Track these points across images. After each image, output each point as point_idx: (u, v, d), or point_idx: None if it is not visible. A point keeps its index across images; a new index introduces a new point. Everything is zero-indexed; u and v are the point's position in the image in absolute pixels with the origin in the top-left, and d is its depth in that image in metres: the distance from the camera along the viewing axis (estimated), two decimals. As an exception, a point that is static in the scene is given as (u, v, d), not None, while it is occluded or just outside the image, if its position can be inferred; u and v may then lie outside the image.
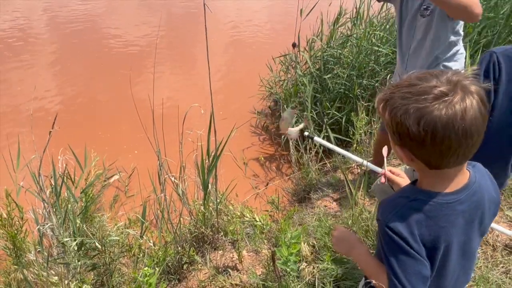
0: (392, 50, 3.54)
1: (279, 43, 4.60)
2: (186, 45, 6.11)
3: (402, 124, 0.70)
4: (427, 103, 0.67)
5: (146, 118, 1.97)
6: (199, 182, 2.05)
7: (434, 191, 0.77)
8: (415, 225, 0.76)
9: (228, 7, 8.01)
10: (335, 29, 3.71)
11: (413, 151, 0.74)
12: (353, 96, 3.61)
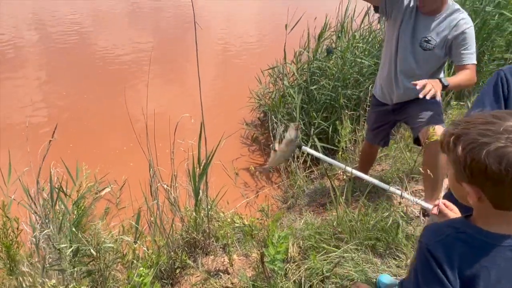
0: (374, 62, 3.73)
1: (268, 56, 4.77)
2: (176, 58, 6.21)
3: (480, 161, 0.69)
4: (506, 143, 0.67)
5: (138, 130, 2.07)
6: (191, 190, 2.17)
7: (487, 230, 0.76)
8: (457, 257, 0.75)
9: (217, 21, 8.21)
10: (321, 42, 3.88)
11: (485, 189, 0.73)
12: (339, 106, 3.76)
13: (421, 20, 1.89)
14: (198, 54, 1.73)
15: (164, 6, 8.86)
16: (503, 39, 3.29)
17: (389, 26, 2.02)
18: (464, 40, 1.86)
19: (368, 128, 2.45)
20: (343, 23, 3.87)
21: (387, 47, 2.06)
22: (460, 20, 1.86)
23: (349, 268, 1.65)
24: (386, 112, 2.24)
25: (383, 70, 2.14)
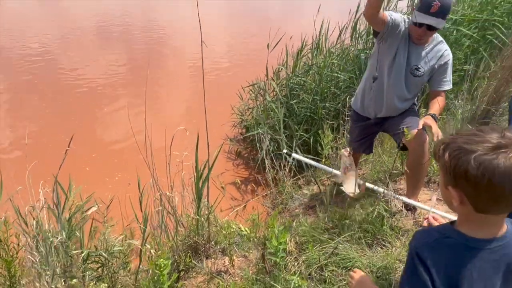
0: (349, 76, 4.06)
1: (249, 74, 5.03)
2: (148, 79, 6.28)
3: (462, 166, 0.77)
4: (488, 151, 0.75)
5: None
6: (188, 197, 2.33)
7: (469, 235, 0.83)
8: (443, 260, 0.83)
9: (189, 44, 8.30)
10: (299, 59, 4.19)
11: (466, 192, 0.80)
12: (318, 118, 4.04)
13: (413, 49, 2.15)
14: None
15: (132, 28, 8.87)
16: (462, 52, 3.72)
17: (381, 50, 2.21)
18: (446, 69, 2.17)
19: (351, 140, 2.69)
20: (318, 41, 4.20)
21: (378, 70, 2.23)
22: (445, 51, 2.16)
23: (343, 256, 1.85)
24: (368, 126, 2.50)
25: (369, 89, 2.34)
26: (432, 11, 1.89)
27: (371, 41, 4.08)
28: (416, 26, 1.99)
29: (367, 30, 4.11)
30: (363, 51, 4.01)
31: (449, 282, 0.83)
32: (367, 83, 2.36)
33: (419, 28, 1.99)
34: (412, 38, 2.11)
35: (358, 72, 4.04)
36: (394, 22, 2.05)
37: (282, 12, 10.75)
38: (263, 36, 5.75)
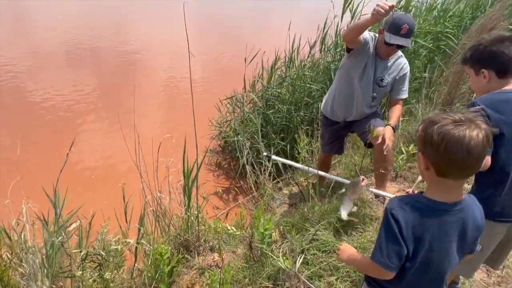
0: (321, 86, 4.38)
1: (223, 88, 5.27)
2: (120, 98, 6.21)
3: (428, 134, 0.98)
4: (448, 123, 0.96)
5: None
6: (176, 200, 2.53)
7: (433, 199, 1.03)
8: (411, 218, 1.02)
9: (160, 61, 8.37)
10: (273, 72, 4.49)
11: (429, 156, 1.00)
12: (293, 126, 4.33)
13: (379, 63, 2.46)
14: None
15: (103, 47, 8.80)
16: (420, 61, 4.13)
17: (352, 63, 2.47)
18: (404, 80, 2.50)
19: (323, 144, 2.97)
20: (291, 55, 4.53)
21: (348, 80, 2.56)
22: (404, 64, 2.50)
23: (322, 242, 2.08)
24: (338, 129, 2.80)
25: (340, 97, 2.64)
26: (402, 32, 2.18)
27: (339, 53, 4.44)
28: (387, 45, 2.28)
29: (335, 43, 4.47)
30: (332, 63, 4.36)
31: (415, 236, 1.03)
32: (337, 92, 2.66)
33: (390, 47, 2.29)
34: (380, 54, 2.42)
35: (329, 82, 4.37)
36: (365, 40, 2.35)
37: (252, 29, 11.15)
38: (235, 52, 5.99)
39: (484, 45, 1.47)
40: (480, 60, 1.49)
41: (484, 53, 1.46)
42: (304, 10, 13.28)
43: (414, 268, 1.06)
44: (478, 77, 1.50)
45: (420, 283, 1.09)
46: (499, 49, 1.43)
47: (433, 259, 1.05)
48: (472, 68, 1.53)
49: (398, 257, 1.03)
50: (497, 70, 1.45)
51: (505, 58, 1.42)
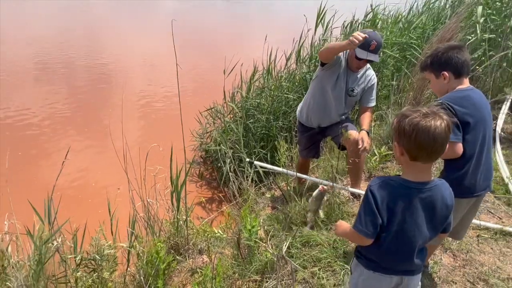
0: (298, 96, 4.62)
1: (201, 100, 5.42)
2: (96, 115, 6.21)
3: (401, 126, 1.20)
4: (417, 116, 1.17)
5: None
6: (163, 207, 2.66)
7: (407, 179, 1.25)
8: (386, 193, 1.24)
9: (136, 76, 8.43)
10: (252, 83, 4.70)
11: (403, 144, 1.21)
12: (273, 135, 4.53)
13: (350, 75, 2.71)
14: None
15: (75, 64, 8.67)
16: (388, 70, 4.46)
17: (325, 75, 2.72)
18: (372, 90, 2.76)
19: (301, 149, 3.18)
20: (269, 67, 4.76)
21: (321, 90, 2.79)
22: (372, 76, 2.76)
23: (305, 236, 2.26)
24: (314, 134, 3.03)
25: (314, 106, 2.87)
26: (371, 48, 2.44)
27: (313, 64, 4.71)
28: (358, 59, 2.53)
29: (310, 55, 4.75)
30: (308, 73, 4.62)
31: (388, 208, 1.24)
32: (311, 100, 2.90)
33: (360, 61, 2.55)
34: (351, 67, 2.68)
35: (305, 92, 4.62)
36: (337, 56, 2.61)
37: (229, 42, 11.42)
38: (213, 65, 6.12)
39: (441, 52, 1.76)
40: (439, 64, 1.76)
41: (442, 59, 1.74)
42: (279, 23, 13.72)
43: (390, 237, 1.26)
44: (439, 80, 1.78)
45: (395, 251, 1.29)
46: (454, 55, 1.72)
47: (405, 230, 1.25)
48: (432, 72, 1.81)
49: (373, 226, 1.24)
50: (453, 72, 1.73)
51: (459, 62, 1.71)
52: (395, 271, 1.33)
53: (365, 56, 2.45)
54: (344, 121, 2.87)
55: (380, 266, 1.33)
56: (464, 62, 1.72)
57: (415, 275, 1.36)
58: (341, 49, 2.48)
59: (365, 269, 1.37)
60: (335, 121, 2.88)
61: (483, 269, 2.19)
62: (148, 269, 1.75)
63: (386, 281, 1.34)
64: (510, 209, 2.73)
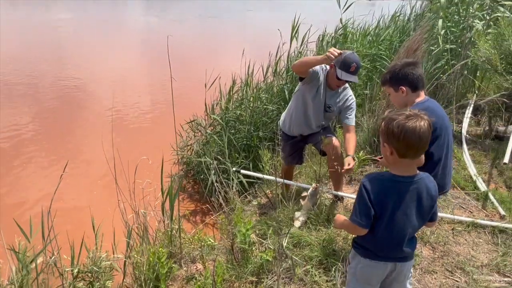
0: (276, 107, 4.80)
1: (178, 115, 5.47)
2: (63, 136, 6.14)
3: (390, 127, 1.34)
4: (403, 119, 1.32)
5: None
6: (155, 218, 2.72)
7: (395, 174, 1.40)
8: (377, 187, 1.38)
9: (105, 92, 8.40)
10: (231, 96, 4.84)
11: (392, 144, 1.35)
12: (254, 145, 4.67)
13: (328, 93, 2.86)
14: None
15: (41, 83, 8.45)
16: (361, 80, 4.73)
17: (305, 89, 2.85)
18: (350, 109, 2.89)
19: (285, 156, 3.33)
20: (247, 80, 4.93)
21: (303, 103, 2.93)
22: (349, 96, 2.90)
23: (295, 237, 2.39)
24: (297, 142, 3.20)
25: (296, 117, 3.03)
26: (351, 70, 2.59)
27: (290, 76, 4.92)
28: (338, 79, 2.67)
29: (286, 68, 4.96)
30: (285, 85, 4.82)
31: (379, 200, 1.38)
32: (293, 112, 3.05)
33: (340, 81, 2.69)
34: (330, 85, 2.83)
35: (283, 103, 4.82)
36: (315, 71, 2.76)
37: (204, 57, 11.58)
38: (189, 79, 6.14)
39: (398, 69, 1.99)
40: (397, 80, 1.98)
41: (399, 75, 1.96)
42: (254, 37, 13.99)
43: (383, 227, 1.41)
44: (398, 93, 2.00)
45: (388, 239, 1.44)
46: (409, 71, 1.94)
47: (396, 219, 1.40)
48: (391, 87, 2.03)
49: (367, 217, 1.40)
50: (410, 86, 1.95)
51: (414, 77, 1.94)
52: (389, 258, 1.48)
53: (346, 77, 2.61)
54: (324, 129, 3.04)
55: (376, 254, 1.48)
56: (419, 77, 1.95)
57: (407, 261, 1.51)
58: (317, 63, 2.63)
59: (362, 258, 1.51)
60: (316, 131, 3.06)
61: (460, 258, 2.39)
62: (150, 274, 1.81)
63: (381, 268, 1.49)
64: (479, 203, 2.99)
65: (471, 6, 4.63)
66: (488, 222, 2.70)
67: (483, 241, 2.59)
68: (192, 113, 5.20)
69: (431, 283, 2.21)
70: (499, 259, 2.39)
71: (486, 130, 4.15)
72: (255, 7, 24.39)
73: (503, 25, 3.75)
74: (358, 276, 1.55)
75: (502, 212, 2.82)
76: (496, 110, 4.31)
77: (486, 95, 4.66)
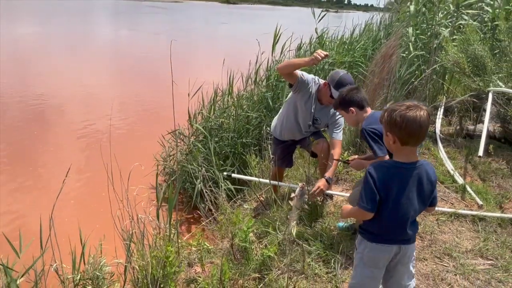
0: (258, 114, 4.92)
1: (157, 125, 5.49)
2: (30, 154, 5.95)
3: (392, 117, 1.44)
4: (404, 109, 1.42)
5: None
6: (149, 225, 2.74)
7: (397, 160, 1.51)
8: (381, 173, 1.48)
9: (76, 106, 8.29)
10: (213, 104, 4.92)
11: (395, 133, 1.45)
12: (238, 152, 4.75)
13: (317, 106, 2.97)
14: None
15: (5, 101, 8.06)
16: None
17: (296, 97, 2.97)
18: (337, 125, 2.98)
19: (276, 159, 3.43)
20: (229, 88, 5.03)
21: (293, 111, 3.05)
22: (337, 114, 2.94)
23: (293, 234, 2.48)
24: (287, 145, 3.34)
25: (287, 124, 3.14)
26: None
27: (271, 84, 5.07)
28: (331, 97, 2.77)
29: (267, 76, 5.12)
30: (267, 92, 4.96)
31: (384, 185, 1.48)
32: (285, 119, 3.18)
33: (333, 99, 2.76)
34: (322, 100, 2.94)
35: (265, 110, 4.95)
36: (306, 80, 2.85)
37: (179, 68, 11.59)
38: (153, 93, 6.03)
39: (345, 95, 2.31)
40: (346, 103, 2.30)
41: (346, 99, 2.29)
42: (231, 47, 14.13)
43: (388, 210, 1.51)
44: (349, 114, 2.32)
45: (393, 222, 1.54)
46: (354, 94, 2.29)
47: (400, 203, 1.50)
48: (342, 110, 2.35)
49: (373, 202, 1.49)
50: (357, 106, 2.28)
51: (359, 98, 2.29)
52: (394, 240, 1.59)
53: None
54: (314, 133, 3.18)
55: (382, 237, 1.58)
56: (362, 98, 2.29)
57: (410, 243, 1.62)
58: (304, 64, 2.73)
59: (369, 242, 1.61)
60: (306, 136, 3.19)
61: (446, 245, 2.56)
62: (157, 274, 1.83)
63: (387, 251, 1.59)
64: (458, 195, 3.20)
65: (437, 14, 4.99)
66: (468, 212, 2.90)
67: (465, 229, 2.78)
68: (171, 125, 5.20)
69: (423, 269, 2.35)
70: (481, 244, 2.58)
71: (457, 129, 4.43)
72: (229, 20, 24.72)
73: (468, 31, 4.07)
74: (365, 260, 1.64)
75: (479, 202, 3.03)
76: (465, 110, 4.63)
77: (454, 97, 5.00)
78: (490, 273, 2.32)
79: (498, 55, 4.53)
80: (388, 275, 1.69)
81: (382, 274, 1.67)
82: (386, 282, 1.71)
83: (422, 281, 2.25)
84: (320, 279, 2.21)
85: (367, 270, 1.65)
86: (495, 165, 3.75)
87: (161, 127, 5.34)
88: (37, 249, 2.09)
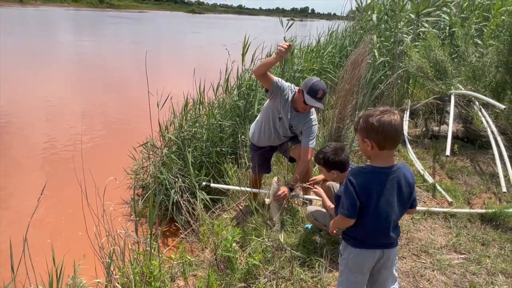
0: (231, 123, 4.92)
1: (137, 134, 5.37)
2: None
3: (369, 123, 1.48)
4: (379, 114, 1.46)
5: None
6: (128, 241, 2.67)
7: (375, 165, 1.53)
8: (360, 179, 1.50)
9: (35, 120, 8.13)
10: (185, 114, 4.87)
11: (372, 138, 1.48)
12: (213, 162, 4.72)
13: (293, 113, 3.01)
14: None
15: None
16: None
17: (272, 104, 2.99)
18: (311, 132, 3.02)
19: (254, 166, 3.44)
20: (200, 97, 5.00)
21: (270, 118, 3.08)
22: (312, 119, 3.01)
23: (278, 240, 2.50)
24: (265, 152, 3.36)
25: (265, 130, 3.16)
26: (318, 96, 2.78)
27: (243, 92, 5.10)
28: (305, 104, 2.82)
29: (238, 85, 5.14)
30: (238, 101, 4.98)
31: (364, 191, 1.50)
32: (262, 126, 3.19)
33: (307, 105, 2.84)
34: (296, 107, 2.97)
35: (238, 118, 4.97)
36: (279, 85, 2.88)
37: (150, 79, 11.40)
38: (119, 105, 5.89)
39: (330, 158, 2.30)
40: (330, 166, 2.32)
41: (330, 161, 2.31)
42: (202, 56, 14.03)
43: (370, 215, 1.54)
44: (330, 174, 2.35)
45: (375, 227, 1.58)
46: (338, 159, 2.30)
47: (380, 208, 1.53)
48: (324, 168, 2.37)
49: (353, 208, 1.52)
50: (339, 170, 2.31)
51: (342, 162, 2.31)
52: (377, 245, 1.62)
53: (313, 103, 2.78)
54: (291, 138, 3.24)
55: (365, 242, 1.62)
56: (345, 161, 2.31)
57: (393, 247, 1.66)
58: (272, 62, 2.77)
59: (353, 248, 1.64)
60: (284, 141, 3.24)
61: (422, 243, 2.67)
62: None
63: (371, 256, 1.63)
64: (429, 194, 3.35)
65: (399, 22, 5.23)
66: (440, 209, 3.04)
67: (438, 225, 2.91)
68: (141, 136, 5.10)
69: (402, 267, 2.44)
70: (454, 239, 2.71)
71: (423, 131, 4.65)
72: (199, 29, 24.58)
73: (429, 37, 4.30)
74: (350, 266, 1.67)
75: (449, 199, 3.19)
76: (429, 113, 4.87)
77: (419, 100, 5.24)
78: (464, 266, 2.44)
79: (457, 59, 4.82)
80: (372, 280, 1.72)
81: (367, 279, 1.71)
82: (371, 287, 1.75)
83: (403, 278, 2.33)
84: (306, 284, 2.24)
85: (352, 276, 1.68)
86: (461, 164, 3.96)
87: (130, 139, 5.24)
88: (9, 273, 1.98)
